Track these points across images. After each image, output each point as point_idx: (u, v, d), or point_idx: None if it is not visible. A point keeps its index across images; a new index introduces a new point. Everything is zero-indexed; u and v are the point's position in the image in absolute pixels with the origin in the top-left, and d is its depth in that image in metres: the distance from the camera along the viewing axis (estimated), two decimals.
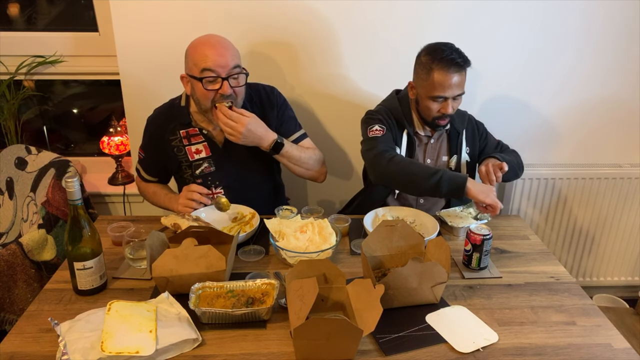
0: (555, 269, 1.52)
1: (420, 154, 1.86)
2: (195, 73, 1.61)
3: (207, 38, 1.65)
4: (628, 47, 2.12)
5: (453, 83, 1.66)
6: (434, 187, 1.61)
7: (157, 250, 1.37)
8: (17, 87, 2.26)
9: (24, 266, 1.74)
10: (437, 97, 1.69)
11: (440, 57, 1.66)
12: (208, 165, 1.78)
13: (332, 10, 2.02)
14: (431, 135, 1.86)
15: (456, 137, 1.86)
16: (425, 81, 1.69)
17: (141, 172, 1.90)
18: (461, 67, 1.67)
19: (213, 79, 1.60)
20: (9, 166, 2.14)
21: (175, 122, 1.77)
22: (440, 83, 1.66)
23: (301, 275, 1.24)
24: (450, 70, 1.65)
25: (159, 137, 1.78)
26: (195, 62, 1.60)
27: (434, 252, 1.37)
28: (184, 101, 1.77)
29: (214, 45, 1.61)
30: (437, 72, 1.66)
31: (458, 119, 1.87)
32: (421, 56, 1.73)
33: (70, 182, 1.25)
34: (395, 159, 1.67)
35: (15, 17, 2.31)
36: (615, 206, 2.33)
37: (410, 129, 1.82)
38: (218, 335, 1.20)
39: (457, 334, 1.22)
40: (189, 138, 1.77)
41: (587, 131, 2.27)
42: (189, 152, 1.77)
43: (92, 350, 1.09)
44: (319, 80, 2.15)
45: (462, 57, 1.67)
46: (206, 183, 1.80)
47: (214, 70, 1.59)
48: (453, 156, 1.87)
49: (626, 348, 1.20)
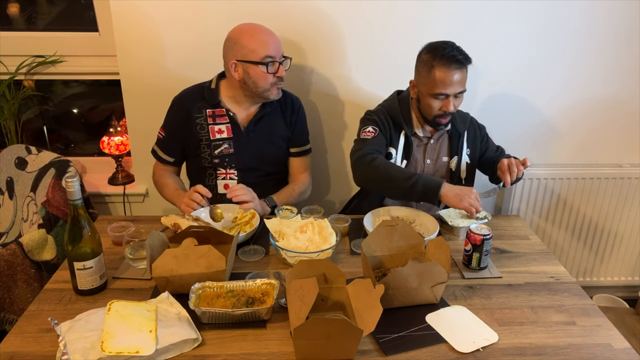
0: (555, 269, 1.52)
1: (419, 155, 1.86)
2: (254, 58, 1.74)
3: (255, 26, 1.78)
4: (628, 47, 2.12)
5: (454, 80, 1.67)
6: (409, 190, 1.61)
7: (157, 250, 1.37)
8: (17, 87, 2.26)
9: (24, 266, 1.74)
10: (438, 94, 1.69)
11: (442, 55, 1.66)
12: (228, 146, 1.86)
13: (335, 11, 2.03)
14: (431, 136, 1.85)
15: (457, 138, 1.86)
16: (427, 79, 1.70)
17: (158, 152, 1.94)
18: (462, 64, 1.67)
19: (273, 63, 1.75)
20: (9, 166, 2.14)
21: (204, 102, 1.86)
22: (442, 80, 1.67)
23: (301, 275, 1.24)
24: (451, 67, 1.66)
25: (185, 113, 1.86)
26: (254, 48, 1.73)
27: (434, 252, 1.37)
28: (214, 84, 1.86)
29: (268, 33, 1.77)
30: (439, 69, 1.66)
31: (460, 119, 1.87)
32: (422, 54, 1.73)
33: (70, 182, 1.25)
34: (374, 162, 1.68)
35: (15, 17, 2.30)
36: (615, 206, 2.33)
37: (407, 130, 1.82)
38: (218, 335, 1.20)
39: (457, 334, 1.22)
40: (215, 117, 1.86)
41: (588, 131, 2.27)
42: (211, 130, 1.85)
43: (92, 350, 1.09)
44: (319, 80, 2.15)
45: (463, 55, 1.68)
46: (222, 164, 1.87)
47: (274, 56, 1.75)
48: (454, 157, 1.87)
49: (626, 348, 1.20)
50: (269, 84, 1.78)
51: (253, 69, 1.75)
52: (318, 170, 2.29)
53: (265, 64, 1.74)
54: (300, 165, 2.00)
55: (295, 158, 1.99)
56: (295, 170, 2.00)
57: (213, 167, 1.88)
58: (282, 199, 1.87)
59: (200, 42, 2.05)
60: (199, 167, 1.90)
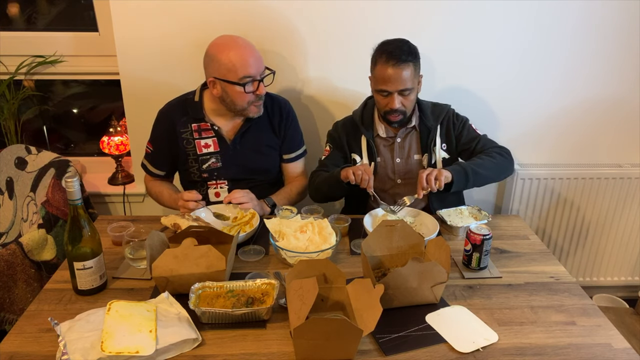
0: (555, 269, 1.52)
1: (387, 155, 1.86)
2: (232, 78, 1.68)
3: (234, 41, 1.70)
4: (628, 47, 2.12)
5: (392, 76, 1.65)
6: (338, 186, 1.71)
7: (157, 250, 1.37)
8: (17, 87, 2.26)
9: (24, 266, 1.74)
10: (380, 90, 1.71)
11: (383, 50, 1.67)
12: (215, 160, 1.84)
13: (328, 11, 2.02)
14: (395, 135, 1.84)
15: (427, 135, 1.83)
16: (372, 74, 1.74)
17: (148, 167, 1.93)
18: (402, 61, 1.64)
19: (252, 82, 1.70)
20: (9, 166, 2.14)
21: (188, 116, 1.82)
22: (381, 75, 1.68)
23: (301, 275, 1.24)
24: (389, 63, 1.65)
25: (170, 128, 1.83)
26: (231, 68, 1.67)
27: (434, 252, 1.37)
28: (197, 97, 1.83)
29: (247, 49, 1.69)
30: (380, 65, 1.68)
31: (432, 115, 1.84)
32: (374, 50, 1.74)
33: (70, 182, 1.25)
34: (312, 180, 1.85)
35: (15, 17, 2.30)
36: (615, 206, 2.33)
37: (368, 134, 1.83)
38: (218, 335, 1.20)
39: (457, 333, 1.22)
40: (200, 132, 1.83)
41: (587, 131, 2.27)
42: (197, 145, 1.82)
43: (92, 350, 1.09)
44: (311, 80, 2.15)
45: (405, 52, 1.65)
46: (212, 178, 1.85)
47: (252, 75, 1.69)
48: (425, 154, 1.84)
49: (626, 348, 1.20)
50: (247, 103, 1.73)
51: (231, 88, 1.70)
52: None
53: (243, 85, 1.68)
54: (295, 170, 1.98)
55: (289, 164, 1.96)
56: (289, 175, 1.98)
57: (203, 180, 1.87)
58: (280, 200, 1.87)
59: (201, 42, 2.04)
60: (189, 180, 1.90)
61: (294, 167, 1.97)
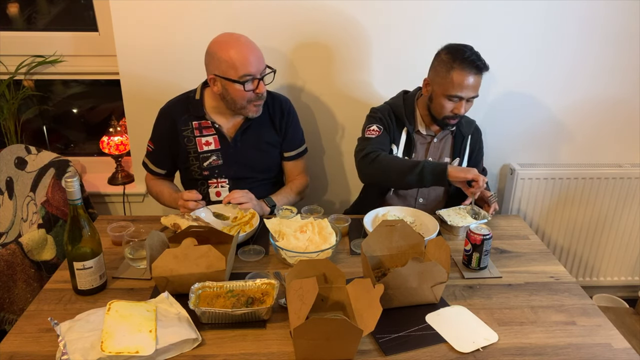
0: (555, 269, 1.52)
1: (422, 152, 1.88)
2: (232, 76, 1.68)
3: (236, 39, 1.70)
4: (629, 47, 2.12)
5: (471, 84, 1.69)
6: (418, 179, 1.66)
7: (157, 250, 1.36)
8: (17, 87, 2.26)
9: (24, 266, 1.74)
10: (453, 96, 1.71)
11: (462, 58, 1.68)
12: (216, 158, 1.84)
13: (329, 10, 2.02)
14: (434, 135, 1.86)
15: (460, 141, 1.88)
16: (444, 79, 1.71)
17: (149, 165, 1.93)
18: (480, 70, 1.69)
19: (251, 80, 1.69)
20: (8, 166, 2.14)
21: (189, 114, 1.83)
22: (459, 82, 1.68)
23: (301, 275, 1.24)
24: (470, 72, 1.68)
25: (171, 126, 1.83)
26: (232, 65, 1.66)
27: (434, 252, 1.37)
28: (198, 95, 1.83)
29: (248, 47, 1.69)
30: (457, 71, 1.68)
31: (465, 124, 1.89)
32: (441, 54, 1.74)
33: (70, 182, 1.25)
34: (378, 159, 1.72)
35: (15, 17, 2.30)
36: (615, 206, 2.33)
37: (410, 127, 1.83)
38: (218, 335, 1.20)
39: (457, 334, 1.22)
40: (201, 130, 1.83)
41: (588, 131, 2.28)
42: (198, 143, 1.83)
43: (92, 350, 1.09)
44: (313, 80, 2.15)
45: (482, 61, 1.70)
46: (213, 176, 1.86)
47: (252, 73, 1.68)
48: (456, 158, 1.89)
49: (626, 348, 1.20)
50: (246, 102, 1.73)
51: (231, 86, 1.70)
52: (316, 170, 2.29)
53: (242, 83, 1.68)
54: (296, 168, 1.98)
55: (290, 162, 1.96)
56: (290, 173, 1.98)
57: (203, 178, 1.87)
58: (280, 199, 1.86)
59: (201, 42, 2.04)
60: (190, 178, 1.90)
61: (295, 166, 1.97)
